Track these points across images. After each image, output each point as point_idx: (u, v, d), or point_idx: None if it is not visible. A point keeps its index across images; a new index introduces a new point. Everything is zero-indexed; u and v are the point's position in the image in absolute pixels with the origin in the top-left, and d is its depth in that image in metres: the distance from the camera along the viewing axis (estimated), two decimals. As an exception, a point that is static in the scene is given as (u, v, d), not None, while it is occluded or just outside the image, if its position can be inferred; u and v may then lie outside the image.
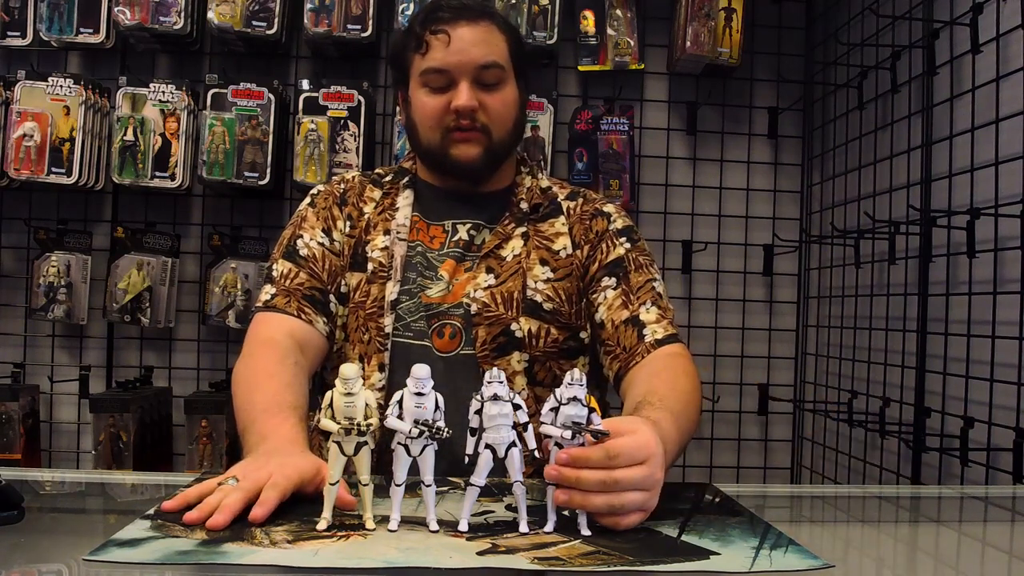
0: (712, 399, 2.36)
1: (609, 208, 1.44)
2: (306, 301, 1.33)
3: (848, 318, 2.16)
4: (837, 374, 2.22)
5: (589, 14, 2.26)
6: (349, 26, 2.14)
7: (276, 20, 2.13)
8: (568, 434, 0.84)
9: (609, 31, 2.24)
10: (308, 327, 1.31)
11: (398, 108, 1.45)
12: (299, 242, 1.37)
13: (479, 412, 0.84)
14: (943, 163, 1.73)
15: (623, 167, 2.25)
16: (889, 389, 1.91)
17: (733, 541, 0.85)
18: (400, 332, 1.33)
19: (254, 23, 2.13)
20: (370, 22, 2.14)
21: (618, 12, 2.25)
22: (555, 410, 0.85)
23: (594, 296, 1.37)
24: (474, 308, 1.32)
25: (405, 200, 1.41)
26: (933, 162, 1.77)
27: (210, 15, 2.11)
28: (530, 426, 0.86)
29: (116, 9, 2.11)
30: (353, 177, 1.46)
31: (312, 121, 2.15)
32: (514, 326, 1.32)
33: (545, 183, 1.46)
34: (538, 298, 1.34)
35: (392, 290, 1.33)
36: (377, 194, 1.43)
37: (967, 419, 1.58)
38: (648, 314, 1.33)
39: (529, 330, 1.33)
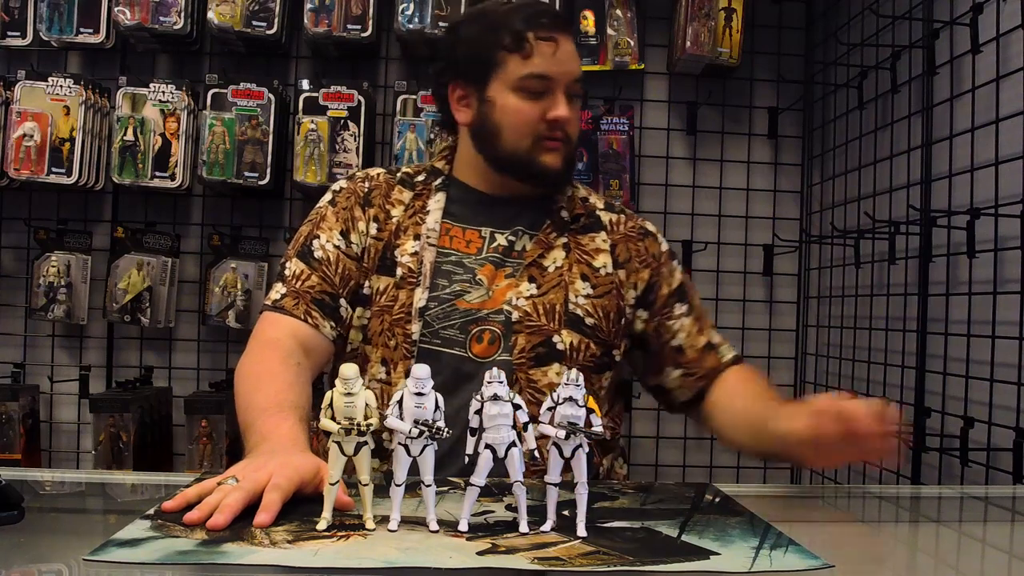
0: (712, 399, 2.35)
1: (651, 227, 1.47)
2: (315, 305, 1.31)
3: (848, 318, 2.16)
4: (837, 374, 2.22)
5: (589, 14, 2.26)
6: (349, 26, 2.14)
7: (276, 20, 2.13)
8: (563, 434, 0.84)
9: (609, 31, 2.24)
10: (314, 331, 1.30)
11: (456, 102, 1.38)
12: (315, 243, 1.35)
13: (479, 412, 0.84)
14: (943, 163, 1.73)
15: (623, 167, 2.25)
16: (889, 389, 1.91)
17: (733, 541, 0.85)
18: (428, 339, 1.31)
19: (254, 23, 2.13)
20: (370, 22, 2.14)
21: (618, 12, 2.25)
22: (552, 410, 0.85)
23: (670, 323, 1.41)
24: (515, 316, 1.32)
25: (436, 204, 1.38)
26: (933, 162, 1.77)
27: (210, 15, 2.11)
28: (530, 426, 0.86)
29: (116, 9, 2.11)
30: (379, 175, 1.43)
31: (312, 121, 2.15)
32: (556, 338, 1.32)
33: (582, 192, 1.46)
34: (579, 312, 1.34)
35: (420, 297, 1.32)
36: (407, 196, 1.40)
37: (967, 419, 1.58)
38: (715, 336, 1.45)
39: (571, 343, 1.33)
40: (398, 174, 1.43)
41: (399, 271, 1.34)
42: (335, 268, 1.34)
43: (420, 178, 1.42)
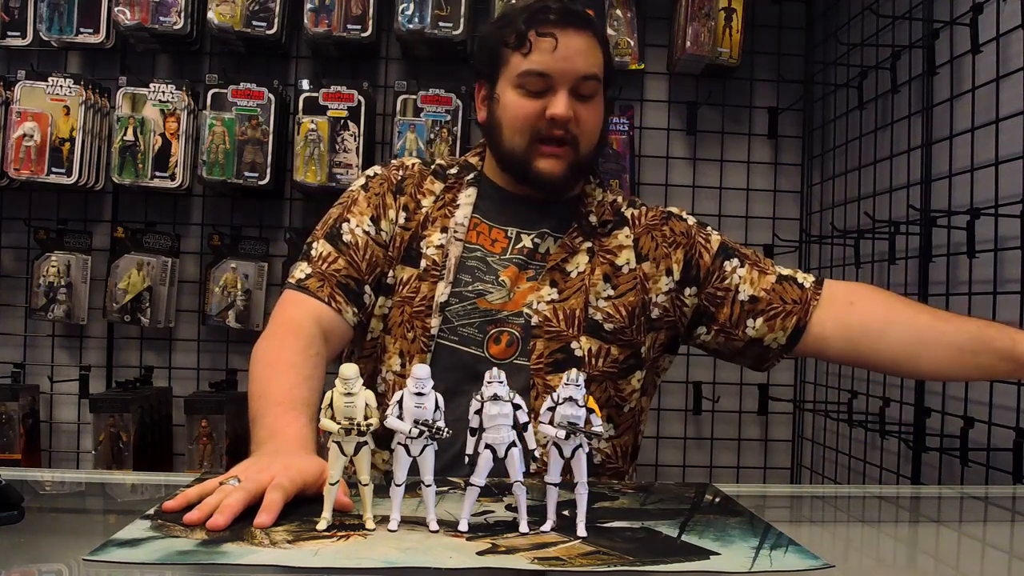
0: (712, 399, 2.36)
1: (674, 209, 1.44)
2: (339, 288, 1.29)
3: (848, 318, 2.16)
4: (837, 374, 2.23)
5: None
6: (349, 26, 2.14)
7: (276, 20, 2.13)
8: (563, 434, 0.84)
9: (609, 31, 2.24)
10: (336, 316, 1.28)
11: (479, 102, 1.39)
12: (345, 226, 1.34)
13: (479, 412, 0.84)
14: (943, 163, 1.73)
15: (623, 167, 2.25)
16: (889, 389, 1.91)
17: (733, 541, 0.85)
18: (446, 335, 1.30)
19: (254, 23, 2.13)
20: (370, 22, 2.14)
21: (618, 12, 2.25)
22: (552, 410, 0.85)
23: (726, 282, 1.36)
24: (535, 320, 1.31)
25: (467, 198, 1.37)
26: (933, 162, 1.77)
27: (210, 15, 2.11)
28: (530, 426, 0.86)
29: (116, 9, 2.11)
30: (414, 165, 1.42)
31: (312, 121, 2.15)
32: (574, 344, 1.31)
33: (611, 197, 1.44)
34: (598, 317, 1.32)
35: (443, 291, 1.31)
36: (438, 187, 1.39)
37: (967, 419, 1.58)
38: (786, 270, 1.39)
39: (589, 349, 1.31)
40: (432, 165, 1.42)
41: (423, 263, 1.33)
42: (363, 253, 1.32)
43: (453, 171, 1.41)
